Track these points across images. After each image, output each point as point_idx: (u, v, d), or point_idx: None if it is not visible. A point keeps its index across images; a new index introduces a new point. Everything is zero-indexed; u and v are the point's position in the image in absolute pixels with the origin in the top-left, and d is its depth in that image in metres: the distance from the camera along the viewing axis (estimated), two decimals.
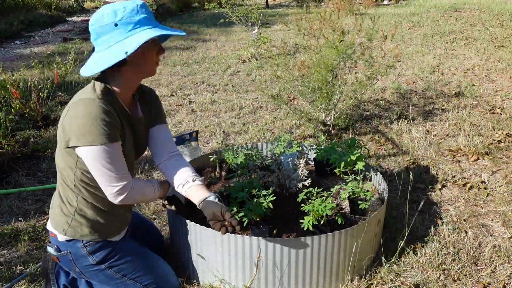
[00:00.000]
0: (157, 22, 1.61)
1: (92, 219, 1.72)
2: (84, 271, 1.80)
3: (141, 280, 1.83)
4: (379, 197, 2.44)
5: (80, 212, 1.71)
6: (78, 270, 1.80)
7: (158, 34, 1.53)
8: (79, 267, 1.78)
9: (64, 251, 1.75)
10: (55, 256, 1.79)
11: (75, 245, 1.73)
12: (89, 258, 1.75)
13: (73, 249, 1.74)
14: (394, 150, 3.53)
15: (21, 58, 7.11)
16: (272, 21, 9.47)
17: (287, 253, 1.90)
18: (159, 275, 1.88)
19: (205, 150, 3.61)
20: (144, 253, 1.89)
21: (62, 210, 1.72)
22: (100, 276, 1.80)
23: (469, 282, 2.13)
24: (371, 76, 3.70)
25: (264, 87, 5.22)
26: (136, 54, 1.55)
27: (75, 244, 1.73)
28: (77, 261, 1.77)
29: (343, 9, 7.94)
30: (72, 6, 13.55)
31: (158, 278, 1.87)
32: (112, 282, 1.82)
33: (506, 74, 5.38)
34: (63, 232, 1.71)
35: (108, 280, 1.81)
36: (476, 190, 2.95)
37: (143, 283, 1.83)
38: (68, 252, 1.75)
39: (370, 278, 2.15)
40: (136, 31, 1.53)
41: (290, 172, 2.51)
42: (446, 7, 10.59)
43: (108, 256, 1.78)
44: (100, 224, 1.74)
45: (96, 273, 1.79)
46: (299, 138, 3.80)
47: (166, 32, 1.57)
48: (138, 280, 1.82)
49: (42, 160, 3.50)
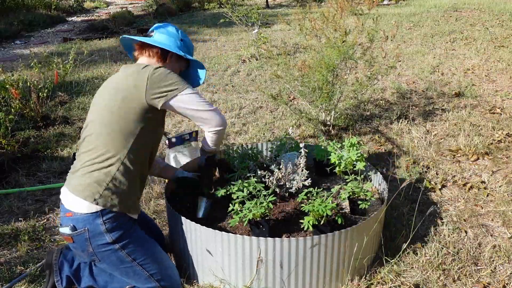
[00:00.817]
0: None
1: (123, 189, 1.83)
2: (97, 251, 1.82)
3: (149, 268, 1.87)
4: (379, 197, 2.44)
5: (114, 182, 1.81)
6: (92, 250, 1.82)
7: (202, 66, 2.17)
8: (93, 246, 1.81)
9: (81, 229, 1.78)
10: (69, 236, 1.80)
11: (95, 221, 1.77)
12: (106, 236, 1.79)
13: (92, 225, 1.78)
14: (394, 150, 3.53)
15: (21, 58, 7.11)
16: (272, 21, 9.47)
17: (287, 253, 1.90)
18: (164, 268, 1.93)
19: None
20: (152, 243, 1.96)
21: (94, 180, 1.79)
22: (112, 257, 1.84)
23: (469, 282, 2.13)
24: (372, 76, 3.70)
25: (264, 87, 5.22)
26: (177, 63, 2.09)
27: (95, 220, 1.77)
28: (93, 238, 1.79)
29: (346, 9, 7.93)
30: (72, 6, 13.55)
31: (162, 271, 1.91)
32: (121, 266, 1.86)
33: (506, 74, 5.38)
34: (94, 201, 1.76)
35: (119, 263, 1.85)
36: (476, 190, 2.95)
37: (150, 272, 1.88)
38: (85, 229, 1.78)
39: (370, 278, 2.15)
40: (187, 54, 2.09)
41: (290, 172, 2.51)
42: (446, 7, 10.59)
43: (123, 235, 1.83)
44: (127, 195, 1.84)
45: (109, 254, 1.83)
46: (299, 138, 3.80)
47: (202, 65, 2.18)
48: (146, 268, 1.87)
49: (42, 160, 3.50)
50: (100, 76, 5.86)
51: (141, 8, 13.38)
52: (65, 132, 4.06)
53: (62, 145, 3.80)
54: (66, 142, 3.86)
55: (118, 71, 1.99)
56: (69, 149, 3.72)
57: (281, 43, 7.28)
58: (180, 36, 2.08)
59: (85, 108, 4.65)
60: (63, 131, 4.06)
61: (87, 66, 6.33)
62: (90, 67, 6.32)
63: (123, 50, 7.50)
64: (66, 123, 4.24)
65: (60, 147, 3.77)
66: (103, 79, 5.72)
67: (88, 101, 4.85)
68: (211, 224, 2.09)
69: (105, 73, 6.00)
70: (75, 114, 4.51)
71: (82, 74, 5.95)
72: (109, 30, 9.55)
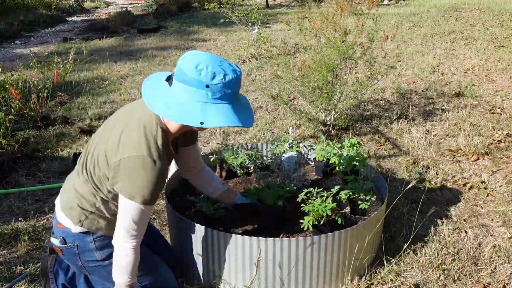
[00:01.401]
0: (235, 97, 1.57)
1: (110, 218, 1.74)
2: (86, 266, 1.80)
3: (141, 280, 1.82)
4: (379, 197, 2.44)
5: (99, 213, 1.73)
6: (81, 264, 1.79)
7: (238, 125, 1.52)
8: (82, 261, 1.78)
9: (70, 244, 1.74)
10: (58, 248, 1.78)
11: (85, 238, 1.73)
12: (95, 253, 1.76)
13: (81, 242, 1.74)
14: (394, 150, 3.53)
15: (21, 58, 7.11)
16: (272, 21, 9.47)
17: (287, 253, 1.90)
18: (159, 277, 1.89)
19: (205, 150, 3.61)
20: (147, 255, 1.89)
21: (80, 204, 1.71)
22: (102, 271, 1.81)
23: (469, 282, 2.13)
24: (372, 76, 3.70)
25: (264, 87, 5.22)
26: None
27: (84, 237, 1.73)
28: (82, 254, 1.76)
29: (346, 10, 7.93)
30: (72, 6, 13.55)
31: (157, 281, 1.87)
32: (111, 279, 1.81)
33: (506, 74, 5.38)
34: (79, 223, 1.71)
35: (109, 276, 1.80)
36: (476, 190, 2.95)
37: (142, 283, 1.84)
38: (74, 245, 1.74)
39: (370, 278, 2.15)
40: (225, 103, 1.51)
41: (290, 172, 2.51)
42: (446, 7, 10.59)
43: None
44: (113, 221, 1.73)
45: (98, 268, 1.80)
46: (299, 138, 3.80)
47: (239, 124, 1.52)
48: (139, 280, 1.82)
49: (42, 160, 3.50)
50: (100, 76, 5.86)
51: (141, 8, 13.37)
52: (65, 132, 4.06)
53: (62, 145, 3.79)
54: (66, 142, 3.85)
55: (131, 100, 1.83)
56: (69, 149, 3.72)
57: (281, 43, 7.28)
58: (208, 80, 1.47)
59: (85, 108, 4.65)
60: (63, 131, 4.06)
61: (87, 66, 6.33)
62: (90, 67, 6.32)
63: (123, 50, 7.51)
64: (66, 123, 4.23)
65: (60, 147, 3.77)
66: (103, 79, 5.72)
67: (88, 101, 4.86)
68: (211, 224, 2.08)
69: (105, 73, 6.00)
70: (75, 114, 4.51)
71: (82, 74, 5.94)
72: (109, 30, 9.55)
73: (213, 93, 1.48)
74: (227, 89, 1.49)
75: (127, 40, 8.49)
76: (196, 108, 1.49)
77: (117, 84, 5.53)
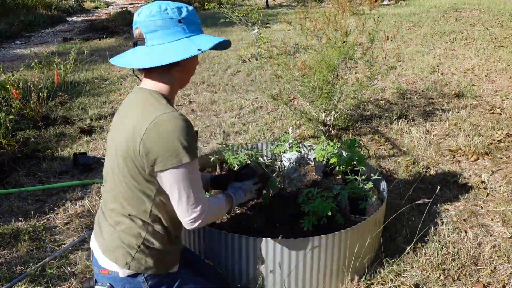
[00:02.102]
0: None
1: (159, 249, 1.56)
2: None
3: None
4: (379, 197, 2.44)
5: (147, 243, 1.54)
6: None
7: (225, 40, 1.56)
8: None
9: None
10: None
11: (136, 279, 1.55)
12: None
13: (132, 285, 1.56)
14: (394, 150, 3.53)
15: (21, 58, 7.12)
16: (272, 21, 9.48)
17: (287, 253, 1.90)
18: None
19: (205, 150, 3.62)
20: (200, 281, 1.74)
21: (123, 242, 1.53)
22: None
23: (469, 282, 2.14)
24: (372, 76, 3.70)
25: (264, 87, 5.22)
26: (191, 58, 1.51)
27: (135, 279, 1.55)
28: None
29: (347, 10, 7.93)
30: (72, 6, 13.55)
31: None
32: None
33: (506, 74, 5.38)
34: (125, 266, 1.52)
35: None
36: (476, 190, 2.95)
37: None
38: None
39: (370, 278, 2.15)
40: (199, 33, 1.54)
41: (290, 172, 2.51)
42: (446, 7, 10.59)
43: None
44: (166, 254, 1.60)
45: None
46: (299, 138, 3.80)
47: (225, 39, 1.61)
48: None
49: (42, 160, 3.50)
50: (101, 76, 5.86)
51: None
52: (65, 132, 4.06)
53: (62, 145, 3.80)
54: (66, 142, 3.86)
55: None
56: (69, 149, 3.72)
57: (281, 43, 7.28)
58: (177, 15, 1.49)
59: (85, 108, 4.66)
60: (63, 131, 4.07)
61: (87, 66, 6.33)
62: (90, 67, 6.33)
63: (123, 50, 7.51)
64: (66, 123, 4.24)
65: (60, 147, 3.77)
66: (103, 79, 5.73)
67: (88, 101, 4.86)
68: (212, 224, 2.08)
69: (105, 73, 6.00)
70: (75, 114, 4.52)
71: (82, 74, 5.95)
72: (109, 30, 9.56)
73: (188, 26, 1.51)
74: (195, 18, 1.54)
75: (127, 40, 8.50)
76: (184, 43, 1.49)
77: (117, 84, 5.53)
